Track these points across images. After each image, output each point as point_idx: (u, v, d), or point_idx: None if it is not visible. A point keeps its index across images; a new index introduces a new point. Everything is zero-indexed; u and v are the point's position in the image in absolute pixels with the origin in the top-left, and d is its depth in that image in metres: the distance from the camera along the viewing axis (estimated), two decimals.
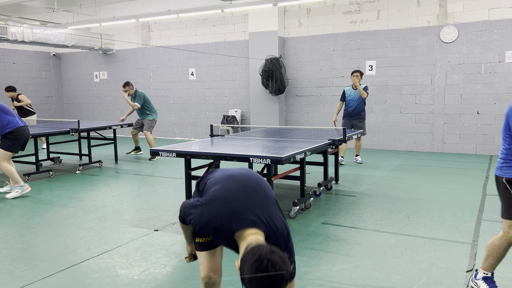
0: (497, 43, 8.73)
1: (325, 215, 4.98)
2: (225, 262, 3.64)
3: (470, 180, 6.66)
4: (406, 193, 5.94)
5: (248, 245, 1.89)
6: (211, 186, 2.28)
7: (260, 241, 1.97)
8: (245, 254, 1.82)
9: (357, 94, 8.03)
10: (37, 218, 5.00)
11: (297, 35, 10.71)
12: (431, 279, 3.28)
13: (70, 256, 3.84)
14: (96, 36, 12.85)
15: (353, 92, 8.10)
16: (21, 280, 3.37)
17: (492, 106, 8.90)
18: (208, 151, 4.67)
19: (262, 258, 1.74)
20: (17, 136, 5.85)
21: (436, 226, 4.50)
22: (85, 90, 14.50)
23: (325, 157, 6.03)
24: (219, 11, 10.48)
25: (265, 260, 1.73)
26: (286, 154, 4.31)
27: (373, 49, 9.87)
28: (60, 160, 8.61)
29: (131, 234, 4.42)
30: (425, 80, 9.45)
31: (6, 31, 10.33)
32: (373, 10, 9.78)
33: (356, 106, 8.05)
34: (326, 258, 3.71)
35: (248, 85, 11.44)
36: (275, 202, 2.35)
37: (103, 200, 5.79)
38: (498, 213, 4.92)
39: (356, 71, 8.03)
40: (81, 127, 7.85)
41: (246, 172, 2.39)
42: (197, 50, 12.12)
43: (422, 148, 9.67)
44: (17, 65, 13.62)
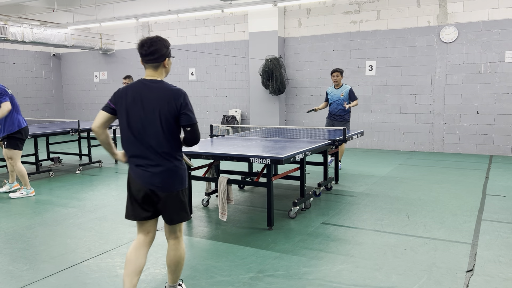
0: (497, 43, 8.73)
1: (325, 215, 4.98)
2: (225, 262, 3.65)
3: (470, 180, 6.66)
4: (406, 193, 5.94)
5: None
6: None
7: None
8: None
9: (338, 94, 7.55)
10: (37, 218, 5.00)
11: (297, 35, 10.71)
12: (431, 279, 3.28)
13: (70, 256, 3.84)
14: (96, 36, 12.85)
15: (335, 91, 7.63)
16: (21, 280, 3.37)
17: (492, 106, 8.90)
18: (208, 151, 4.67)
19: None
20: (23, 136, 5.92)
21: (436, 226, 4.50)
22: (85, 90, 14.50)
23: (325, 157, 6.03)
24: (219, 11, 10.48)
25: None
26: (286, 154, 4.31)
27: (373, 49, 9.87)
28: (60, 160, 8.61)
29: (131, 234, 4.42)
30: (425, 80, 9.45)
31: (6, 31, 10.33)
32: (373, 10, 9.78)
33: (337, 107, 7.58)
34: (326, 258, 3.71)
35: (248, 85, 11.44)
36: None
37: (103, 200, 5.79)
38: (498, 213, 4.92)
39: (336, 71, 7.56)
40: (81, 127, 7.84)
41: None
42: (197, 50, 12.12)
43: (422, 148, 9.67)
44: (17, 65, 13.62)
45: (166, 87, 2.76)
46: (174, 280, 2.95)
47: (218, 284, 3.24)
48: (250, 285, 3.21)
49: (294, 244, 4.05)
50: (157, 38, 2.77)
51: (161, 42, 2.77)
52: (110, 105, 2.78)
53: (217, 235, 4.35)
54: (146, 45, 2.72)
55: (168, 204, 2.76)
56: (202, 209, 5.30)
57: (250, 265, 3.57)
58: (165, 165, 2.71)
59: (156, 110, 2.69)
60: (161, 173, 2.70)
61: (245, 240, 4.18)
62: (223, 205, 4.59)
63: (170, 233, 2.88)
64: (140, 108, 2.70)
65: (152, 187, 2.70)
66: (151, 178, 2.69)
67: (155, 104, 2.69)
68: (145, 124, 2.69)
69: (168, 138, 2.72)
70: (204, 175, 5.18)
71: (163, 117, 2.68)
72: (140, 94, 2.72)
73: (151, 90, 2.73)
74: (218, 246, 4.04)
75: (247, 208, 5.32)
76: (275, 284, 3.23)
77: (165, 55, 2.77)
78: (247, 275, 3.39)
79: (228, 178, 4.67)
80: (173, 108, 2.70)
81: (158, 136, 2.69)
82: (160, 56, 2.75)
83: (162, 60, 2.77)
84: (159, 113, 2.68)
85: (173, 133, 2.74)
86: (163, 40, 2.79)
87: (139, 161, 2.73)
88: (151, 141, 2.69)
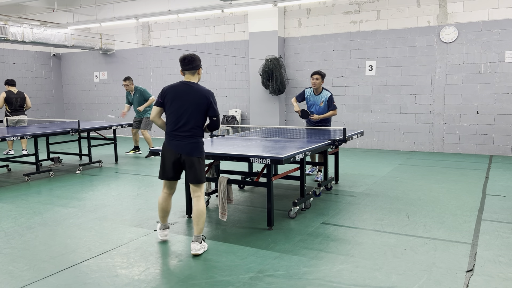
0: (497, 43, 8.73)
1: (325, 215, 4.98)
2: (225, 262, 3.65)
3: (470, 180, 6.66)
4: (406, 193, 5.94)
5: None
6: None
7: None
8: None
9: (318, 102, 6.80)
10: (37, 218, 5.00)
11: (297, 35, 10.71)
12: (431, 279, 3.28)
13: (70, 256, 3.84)
14: (96, 36, 12.85)
15: (314, 97, 6.85)
16: (21, 280, 3.37)
17: (492, 106, 8.90)
18: (208, 151, 4.67)
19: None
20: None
21: (436, 226, 4.50)
22: (85, 90, 14.50)
23: (325, 157, 6.03)
24: (219, 11, 10.48)
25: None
26: (286, 154, 4.31)
27: (373, 49, 9.87)
28: (60, 160, 8.61)
29: (131, 234, 4.42)
30: (425, 80, 9.45)
31: (6, 31, 10.33)
32: (373, 10, 9.78)
33: (317, 114, 6.86)
34: (326, 258, 3.71)
35: (248, 85, 11.44)
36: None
37: (103, 200, 5.79)
38: (498, 213, 4.92)
39: (315, 73, 6.74)
40: (81, 127, 7.85)
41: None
42: (197, 50, 12.11)
43: (422, 148, 9.67)
44: (17, 65, 13.62)
45: (200, 88, 4.01)
46: (198, 231, 3.86)
47: (218, 284, 3.24)
48: (250, 285, 3.22)
49: (294, 244, 4.05)
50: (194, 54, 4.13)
51: (197, 56, 4.16)
52: (159, 100, 4.02)
53: (217, 235, 4.35)
54: (188, 58, 4.06)
55: (190, 166, 3.90)
56: None
57: (250, 265, 3.57)
58: (192, 139, 3.91)
59: (193, 103, 3.90)
60: (189, 144, 3.90)
61: (245, 240, 4.18)
62: (223, 205, 4.59)
63: (193, 191, 3.96)
64: (182, 101, 3.91)
65: (182, 152, 3.88)
66: (182, 147, 3.89)
67: (192, 99, 3.91)
68: (184, 112, 3.89)
69: (199, 123, 3.94)
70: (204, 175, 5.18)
71: (197, 108, 3.91)
72: (182, 91, 3.95)
73: (190, 88, 3.97)
74: (218, 246, 4.04)
75: (247, 208, 5.32)
76: (275, 284, 3.23)
77: (199, 66, 4.12)
78: (247, 275, 3.39)
79: (228, 178, 4.67)
80: (205, 103, 3.92)
81: (191, 121, 3.90)
82: (196, 66, 4.09)
83: (197, 68, 4.10)
84: (195, 106, 3.90)
85: (202, 120, 3.97)
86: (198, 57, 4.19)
87: (176, 136, 3.92)
88: (189, 123, 3.90)
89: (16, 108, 9.53)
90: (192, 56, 4.02)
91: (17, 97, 9.50)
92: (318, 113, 6.85)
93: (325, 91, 6.85)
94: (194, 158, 3.89)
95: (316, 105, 6.85)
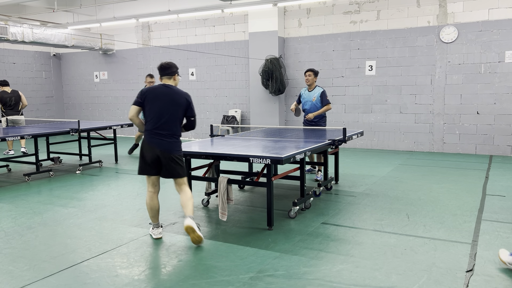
0: (497, 43, 8.73)
1: (325, 215, 4.98)
2: (225, 262, 3.65)
3: (470, 180, 6.66)
4: (406, 193, 5.94)
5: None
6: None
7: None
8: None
9: (310, 98, 7.00)
10: (37, 218, 5.00)
11: (297, 35, 10.71)
12: (431, 279, 3.28)
13: (70, 256, 3.84)
14: (96, 36, 12.85)
15: (307, 94, 7.07)
16: (21, 280, 3.37)
17: (492, 106, 8.90)
18: (208, 151, 4.67)
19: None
20: None
21: (436, 226, 4.50)
22: (85, 90, 14.51)
23: (325, 157, 6.03)
24: (219, 11, 10.48)
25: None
26: (286, 154, 4.31)
27: (373, 49, 9.87)
28: (60, 160, 8.61)
29: (131, 234, 4.42)
30: (425, 80, 9.45)
31: (6, 31, 10.34)
32: (373, 10, 9.78)
33: (308, 110, 7.03)
34: (326, 258, 3.71)
35: (248, 85, 11.44)
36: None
37: (103, 200, 5.79)
38: (498, 213, 4.93)
39: (308, 70, 7.00)
40: (81, 127, 7.85)
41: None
42: (197, 50, 12.12)
43: (422, 148, 9.67)
44: (17, 65, 13.63)
45: (179, 90, 4.28)
46: (189, 212, 4.10)
47: (218, 284, 3.24)
48: (250, 285, 3.22)
49: (294, 244, 4.05)
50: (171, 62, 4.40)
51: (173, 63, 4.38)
52: (138, 100, 4.24)
53: (217, 235, 4.35)
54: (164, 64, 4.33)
55: (172, 163, 4.15)
56: (202, 209, 5.31)
57: (250, 265, 3.57)
58: (171, 138, 4.17)
59: (173, 103, 4.18)
60: (169, 142, 4.16)
61: (245, 240, 4.19)
62: (223, 205, 4.59)
63: (178, 185, 4.26)
64: (163, 101, 4.16)
65: (162, 149, 4.10)
66: (163, 144, 4.12)
67: (172, 100, 4.19)
68: (164, 112, 4.15)
69: (177, 122, 4.22)
70: (204, 175, 5.18)
71: (177, 108, 4.21)
72: (163, 92, 4.21)
73: (170, 90, 4.23)
74: (218, 246, 4.04)
75: (247, 208, 5.32)
76: (275, 284, 3.23)
77: (175, 72, 4.34)
78: (247, 275, 3.39)
79: (228, 178, 4.67)
80: (184, 104, 4.23)
81: (171, 120, 4.17)
82: (171, 72, 4.32)
83: (173, 74, 4.33)
84: (175, 106, 4.19)
85: (181, 119, 4.26)
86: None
87: (156, 133, 4.13)
88: (169, 123, 4.17)
89: (11, 106, 9.55)
90: (168, 63, 4.32)
91: (11, 96, 9.57)
92: (311, 108, 7.00)
93: (318, 87, 7.05)
94: (174, 155, 4.16)
95: (309, 101, 7.03)
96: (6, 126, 8.95)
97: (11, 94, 9.59)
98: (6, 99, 9.49)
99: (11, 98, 9.56)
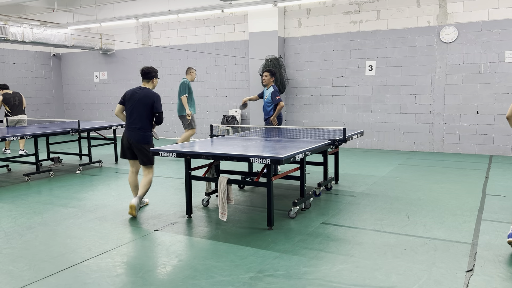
0: (497, 43, 8.74)
1: (325, 215, 4.98)
2: (225, 262, 3.65)
3: (470, 180, 6.66)
4: (406, 193, 5.94)
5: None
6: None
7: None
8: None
9: (265, 96, 7.30)
10: (37, 218, 5.00)
11: (297, 35, 10.71)
12: (431, 279, 3.28)
13: (70, 256, 3.84)
14: (96, 36, 12.85)
15: (264, 92, 7.38)
16: (21, 280, 3.37)
17: (492, 106, 8.91)
18: (208, 151, 4.67)
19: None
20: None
21: (436, 226, 4.50)
22: (85, 90, 14.51)
23: (325, 157, 6.03)
24: (219, 11, 10.48)
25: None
26: (286, 154, 4.30)
27: (373, 49, 9.87)
28: (60, 160, 8.61)
29: (131, 234, 4.42)
30: (425, 80, 9.45)
31: (6, 31, 10.34)
32: (373, 10, 9.78)
33: (263, 109, 7.37)
34: (326, 258, 3.71)
35: (248, 85, 11.44)
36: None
37: (103, 200, 5.79)
38: (498, 213, 4.93)
39: (265, 71, 7.29)
40: (81, 127, 7.85)
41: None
42: (197, 50, 12.12)
43: (422, 148, 9.67)
44: (17, 65, 13.63)
45: (149, 91, 5.16)
46: (142, 193, 5.07)
47: (218, 284, 3.24)
48: (250, 285, 3.22)
49: (294, 244, 4.05)
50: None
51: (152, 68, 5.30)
52: (121, 99, 5.19)
53: (217, 235, 4.35)
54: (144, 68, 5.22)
55: (139, 151, 5.09)
56: (202, 209, 5.31)
57: (250, 265, 3.57)
58: (140, 131, 5.07)
59: (140, 103, 5.07)
60: (138, 134, 5.07)
61: (245, 240, 4.19)
62: (223, 205, 4.59)
63: (144, 170, 5.18)
64: (134, 101, 5.08)
65: (133, 140, 5.05)
66: (133, 136, 5.06)
67: (140, 99, 5.08)
68: (134, 110, 5.07)
69: (145, 118, 5.09)
70: (204, 175, 5.18)
71: (144, 106, 5.08)
72: (136, 93, 5.13)
73: (141, 91, 5.13)
74: (218, 246, 4.04)
75: (247, 208, 5.32)
76: (275, 284, 3.23)
77: (153, 76, 5.26)
78: (247, 275, 3.39)
79: (228, 178, 4.67)
80: (149, 103, 5.07)
81: (139, 117, 5.08)
82: (150, 76, 5.24)
83: (151, 78, 5.25)
84: (142, 105, 5.08)
85: (149, 115, 5.11)
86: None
87: (129, 127, 5.09)
88: (138, 118, 5.08)
89: (16, 105, 9.66)
90: (148, 69, 5.19)
91: (15, 96, 9.67)
92: (264, 105, 7.34)
93: (271, 87, 7.26)
94: (141, 145, 5.04)
95: (264, 100, 7.37)
96: (7, 126, 8.96)
97: (13, 95, 9.69)
98: (10, 99, 9.60)
99: (14, 98, 9.67)
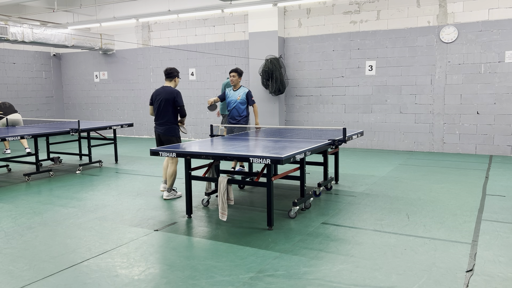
0: (497, 43, 8.74)
1: (325, 215, 4.98)
2: (225, 262, 3.65)
3: (470, 180, 6.66)
4: (406, 193, 5.94)
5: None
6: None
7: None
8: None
9: (235, 97, 7.09)
10: (37, 218, 5.00)
11: (297, 35, 10.71)
12: (431, 279, 3.28)
13: (70, 256, 3.84)
14: (96, 36, 12.85)
15: (232, 93, 7.16)
16: (21, 280, 3.37)
17: (492, 106, 8.90)
18: (208, 151, 4.67)
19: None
20: None
21: (436, 226, 4.50)
22: (85, 90, 14.51)
23: (325, 157, 6.03)
24: (219, 11, 10.48)
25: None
26: (286, 154, 4.30)
27: (373, 49, 9.87)
28: (60, 160, 8.61)
29: (131, 234, 4.42)
30: (425, 80, 9.45)
31: (6, 31, 10.34)
32: (373, 10, 9.78)
33: (233, 109, 7.12)
34: (326, 258, 3.71)
35: (248, 85, 11.43)
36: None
37: (103, 200, 5.79)
38: (498, 213, 4.93)
39: (232, 71, 7.09)
40: (81, 127, 7.85)
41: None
42: (197, 50, 12.12)
43: (422, 148, 9.67)
44: (17, 65, 13.62)
45: (171, 88, 5.89)
46: (169, 186, 5.83)
47: (218, 284, 3.24)
48: (250, 285, 3.22)
49: (294, 244, 4.05)
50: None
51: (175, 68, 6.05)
52: (150, 101, 6.04)
53: (217, 235, 4.35)
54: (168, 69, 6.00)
55: (166, 142, 5.86)
56: (202, 209, 5.31)
57: (250, 265, 3.57)
58: (166, 125, 5.89)
59: (164, 99, 5.85)
60: (164, 127, 5.91)
61: (245, 240, 4.19)
62: (223, 205, 4.59)
63: (169, 159, 5.90)
64: (159, 98, 5.88)
65: (160, 132, 5.93)
66: (160, 129, 5.91)
67: (164, 96, 5.86)
68: (160, 106, 5.88)
69: (169, 112, 5.88)
70: (204, 175, 5.18)
71: (167, 102, 5.86)
72: (160, 92, 5.93)
73: (164, 90, 5.91)
74: (218, 246, 4.04)
75: (247, 208, 5.32)
76: (275, 284, 3.23)
77: (174, 75, 5.99)
78: (247, 275, 3.39)
79: (228, 178, 4.67)
80: (171, 98, 5.83)
81: (164, 112, 5.88)
82: (172, 76, 5.99)
83: (173, 77, 5.99)
84: (165, 101, 5.86)
85: (172, 110, 5.89)
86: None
87: (157, 122, 5.96)
88: (163, 113, 5.91)
89: (7, 107, 9.37)
90: (170, 69, 5.93)
91: (5, 103, 9.46)
92: (236, 106, 7.10)
93: (242, 87, 7.23)
94: (167, 136, 5.85)
95: (233, 100, 7.15)
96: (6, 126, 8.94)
97: (2, 104, 9.45)
98: (0, 105, 9.33)
99: (5, 103, 9.39)
